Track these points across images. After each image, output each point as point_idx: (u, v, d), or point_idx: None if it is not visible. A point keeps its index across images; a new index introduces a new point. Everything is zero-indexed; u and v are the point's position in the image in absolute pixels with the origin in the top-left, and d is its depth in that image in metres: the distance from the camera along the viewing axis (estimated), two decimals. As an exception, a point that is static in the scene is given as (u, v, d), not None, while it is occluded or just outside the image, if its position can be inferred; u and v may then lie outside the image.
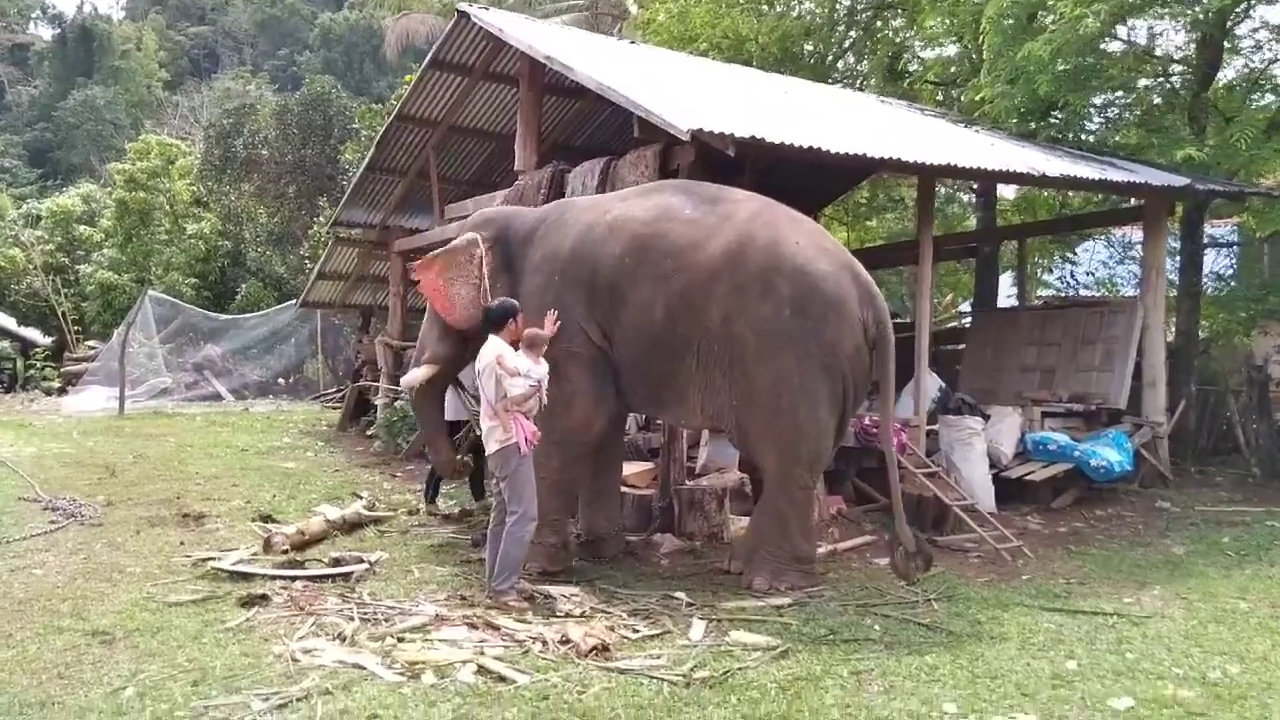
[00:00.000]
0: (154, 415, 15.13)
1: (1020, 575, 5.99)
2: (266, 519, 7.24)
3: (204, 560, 5.90)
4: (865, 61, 15.63)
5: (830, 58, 15.58)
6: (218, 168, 21.43)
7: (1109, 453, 8.25)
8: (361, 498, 7.57)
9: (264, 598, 5.13)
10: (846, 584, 5.65)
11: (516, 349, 5.17)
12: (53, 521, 7.03)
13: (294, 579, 5.56)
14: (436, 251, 6.10)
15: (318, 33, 47.83)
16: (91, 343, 20.65)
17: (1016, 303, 13.02)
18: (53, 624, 4.69)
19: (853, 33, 15.66)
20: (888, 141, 7.33)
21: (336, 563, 5.85)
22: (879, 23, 15.40)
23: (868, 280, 5.56)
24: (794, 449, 5.36)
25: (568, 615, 4.90)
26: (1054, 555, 6.57)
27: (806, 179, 9.18)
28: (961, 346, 11.96)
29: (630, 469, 7.38)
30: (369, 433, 12.21)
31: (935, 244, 9.13)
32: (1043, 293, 15.43)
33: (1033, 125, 10.39)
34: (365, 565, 5.76)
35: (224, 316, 18.96)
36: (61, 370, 18.97)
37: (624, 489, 7.11)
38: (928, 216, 8.38)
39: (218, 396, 17.82)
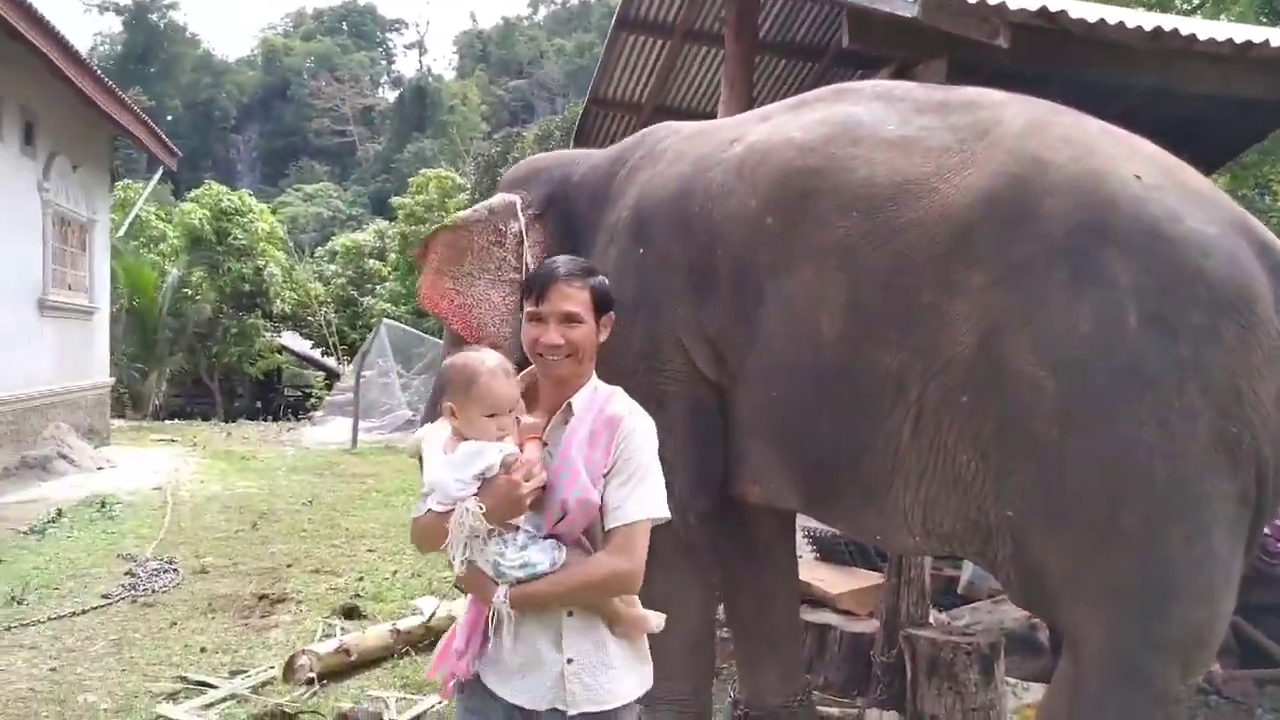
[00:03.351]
0: (384, 450, 14.27)
1: None
2: (349, 613, 5.38)
3: (175, 695, 4.08)
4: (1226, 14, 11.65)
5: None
6: (486, 196, 21.00)
7: None
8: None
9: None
10: None
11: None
12: (105, 596, 5.61)
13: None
14: (441, 225, 3.58)
15: (620, 77, 48.86)
16: (366, 373, 20.83)
17: None
18: None
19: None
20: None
21: (343, 722, 3.77)
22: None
23: None
24: (1151, 617, 2.47)
25: None
26: None
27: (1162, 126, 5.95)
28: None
29: (839, 580, 4.72)
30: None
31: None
32: None
33: None
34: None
35: (465, 346, 18.19)
36: (326, 400, 19.07)
37: (829, 617, 4.48)
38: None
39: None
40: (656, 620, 2.04)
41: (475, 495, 1.91)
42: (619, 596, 1.98)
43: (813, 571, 4.86)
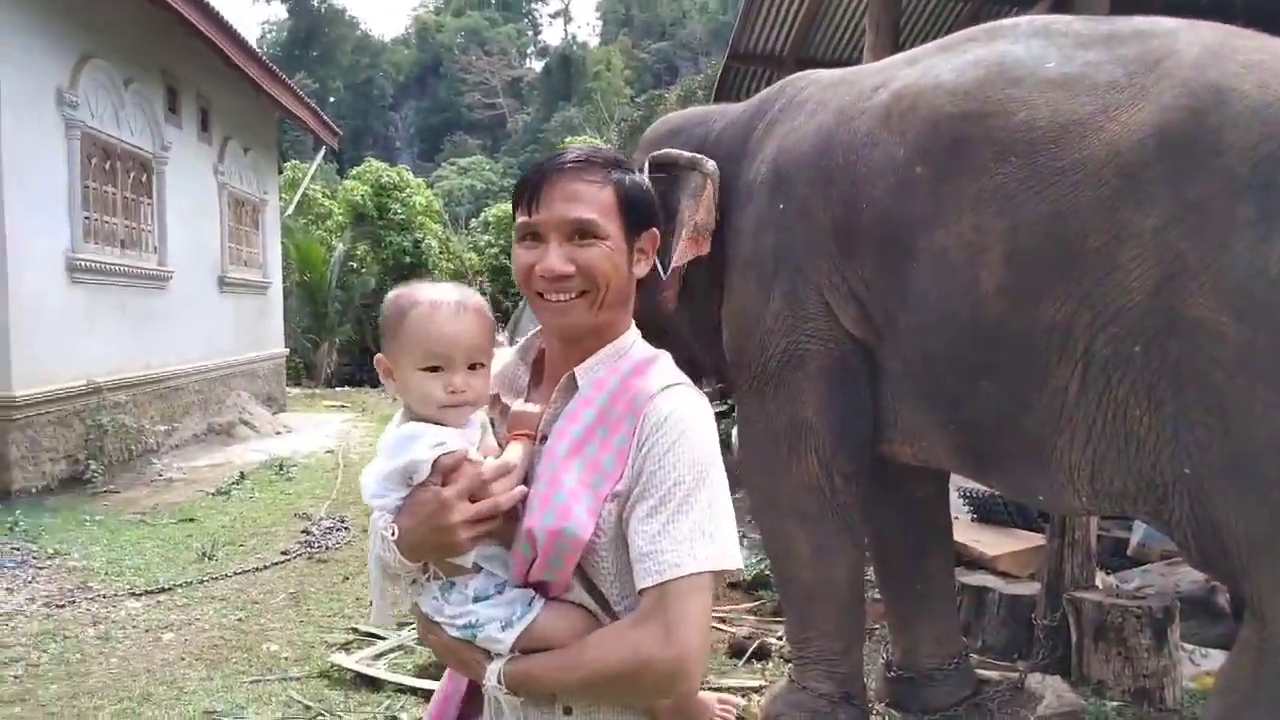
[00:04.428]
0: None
1: None
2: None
3: (347, 645, 4.34)
4: None
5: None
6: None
7: None
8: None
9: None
10: None
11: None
12: (284, 552, 6.01)
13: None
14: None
15: (763, 34, 47.86)
16: (519, 339, 21.44)
17: None
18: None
19: None
20: None
21: (501, 672, 3.91)
22: None
23: None
24: None
25: None
26: None
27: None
28: None
29: (997, 542, 4.53)
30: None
31: None
32: None
33: None
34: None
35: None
36: (482, 367, 19.72)
37: (987, 579, 4.32)
38: None
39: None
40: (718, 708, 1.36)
41: (395, 512, 1.25)
42: (658, 698, 1.23)
43: (969, 533, 4.69)
